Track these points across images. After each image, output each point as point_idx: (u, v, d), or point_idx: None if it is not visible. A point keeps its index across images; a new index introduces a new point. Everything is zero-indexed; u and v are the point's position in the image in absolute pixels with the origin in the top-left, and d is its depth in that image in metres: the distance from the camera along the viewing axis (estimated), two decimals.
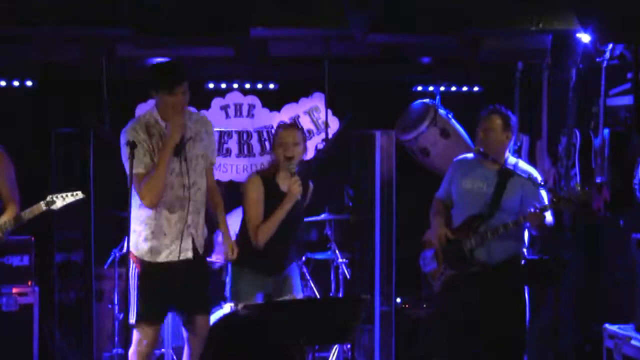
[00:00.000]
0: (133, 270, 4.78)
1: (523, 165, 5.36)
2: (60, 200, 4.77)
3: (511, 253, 5.23)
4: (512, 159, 5.32)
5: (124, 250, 4.80)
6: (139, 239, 4.79)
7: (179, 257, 4.77)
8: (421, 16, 5.53)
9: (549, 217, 5.16)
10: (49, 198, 4.75)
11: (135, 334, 4.79)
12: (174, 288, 4.79)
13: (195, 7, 5.50)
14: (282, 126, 5.32)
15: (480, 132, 5.27)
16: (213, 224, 5.20)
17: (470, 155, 5.42)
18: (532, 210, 5.00)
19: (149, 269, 4.77)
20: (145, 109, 6.70)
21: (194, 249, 4.83)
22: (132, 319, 4.76)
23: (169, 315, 5.27)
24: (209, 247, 5.92)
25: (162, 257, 4.77)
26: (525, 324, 5.26)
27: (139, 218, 4.77)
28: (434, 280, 5.42)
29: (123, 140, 4.72)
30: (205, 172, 4.93)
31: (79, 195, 4.81)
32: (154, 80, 4.77)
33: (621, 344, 5.26)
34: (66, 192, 4.80)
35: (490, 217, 5.18)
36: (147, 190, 4.65)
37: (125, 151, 4.68)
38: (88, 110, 6.46)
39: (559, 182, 6.03)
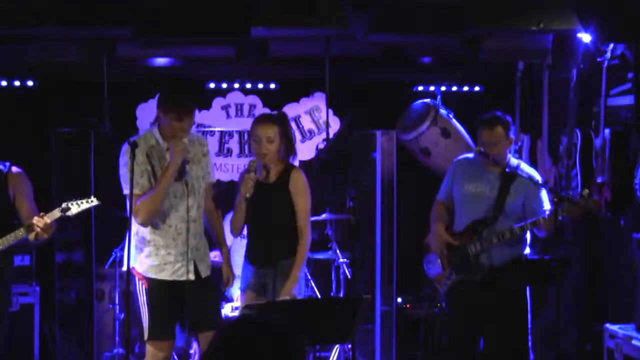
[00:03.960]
0: (140, 286, 4.77)
1: (525, 167, 5.34)
2: (76, 207, 4.72)
3: (514, 255, 5.21)
4: (513, 161, 5.29)
5: (124, 265, 4.75)
6: (141, 255, 4.77)
7: (181, 278, 4.74)
8: (422, 16, 5.52)
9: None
10: (64, 205, 4.70)
11: (149, 349, 4.77)
12: (180, 307, 4.74)
13: (196, 7, 5.49)
14: (257, 119, 5.07)
15: (491, 146, 5.14)
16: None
17: (470, 155, 5.39)
18: (544, 216, 4.98)
19: (155, 285, 4.75)
20: (145, 109, 6.74)
21: (196, 272, 4.80)
22: (145, 336, 4.76)
23: None
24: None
25: (166, 275, 4.73)
26: (528, 325, 5.25)
27: (142, 236, 4.76)
28: (439, 285, 5.40)
29: (122, 161, 4.68)
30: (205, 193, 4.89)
31: (94, 201, 4.76)
32: (164, 103, 4.69)
33: (622, 343, 5.26)
34: (81, 199, 4.75)
35: (494, 222, 5.15)
36: (142, 210, 4.61)
37: (124, 172, 4.64)
38: (88, 110, 6.46)
39: (560, 182, 6.02)
